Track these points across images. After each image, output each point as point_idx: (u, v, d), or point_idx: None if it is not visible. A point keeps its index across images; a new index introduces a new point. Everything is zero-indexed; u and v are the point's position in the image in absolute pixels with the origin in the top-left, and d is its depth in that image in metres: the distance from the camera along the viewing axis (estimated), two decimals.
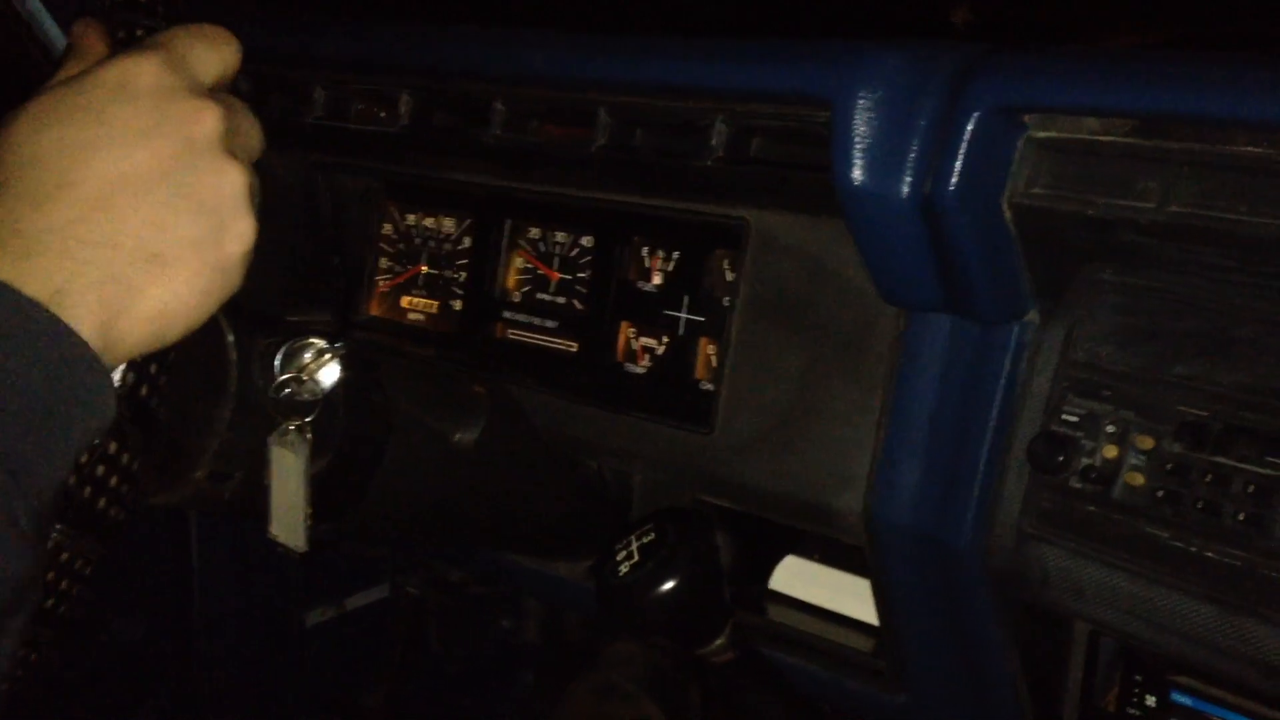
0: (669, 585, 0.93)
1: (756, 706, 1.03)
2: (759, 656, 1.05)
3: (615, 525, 1.20)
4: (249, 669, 1.60)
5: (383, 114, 1.17)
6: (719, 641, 0.98)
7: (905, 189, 0.86)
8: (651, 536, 0.95)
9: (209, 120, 0.59)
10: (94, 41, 0.65)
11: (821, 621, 1.13)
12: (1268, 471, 0.79)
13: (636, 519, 1.13)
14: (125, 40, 0.68)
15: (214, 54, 0.63)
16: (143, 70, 0.59)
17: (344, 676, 1.71)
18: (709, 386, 1.09)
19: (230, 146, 0.61)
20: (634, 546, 0.95)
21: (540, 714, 1.93)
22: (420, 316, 1.32)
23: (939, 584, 0.97)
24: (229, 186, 0.60)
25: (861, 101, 0.87)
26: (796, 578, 1.13)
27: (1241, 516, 0.80)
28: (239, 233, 0.60)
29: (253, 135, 0.64)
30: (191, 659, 1.52)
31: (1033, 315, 0.92)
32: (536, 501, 1.17)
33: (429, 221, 1.31)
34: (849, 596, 1.10)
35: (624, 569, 0.94)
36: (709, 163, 0.98)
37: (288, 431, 0.84)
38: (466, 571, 1.70)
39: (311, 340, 0.85)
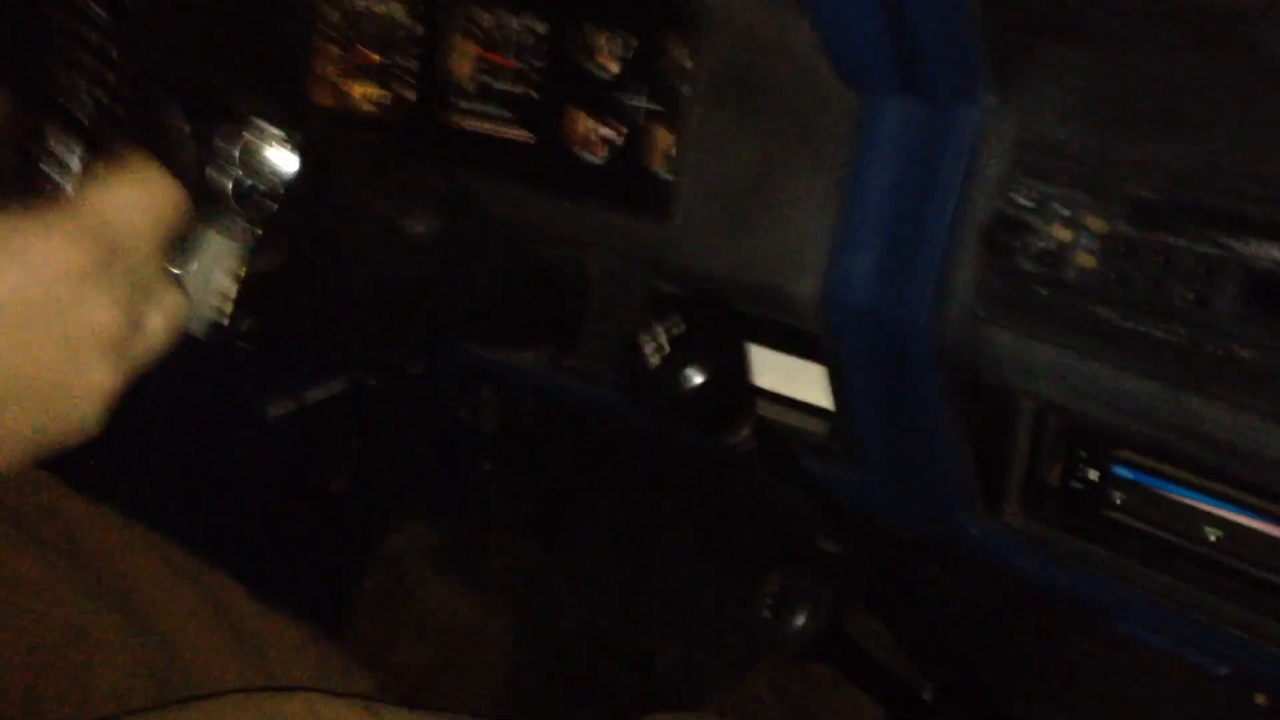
0: (703, 376, 0.93)
1: (783, 495, 1.05)
2: (781, 442, 1.07)
3: (573, 316, 1.21)
4: (211, 459, 1.61)
5: None
6: (745, 431, 0.99)
7: None
8: (682, 327, 0.95)
9: (99, 316, 0.57)
10: None
11: (778, 406, 1.16)
12: (1216, 251, 0.81)
13: (596, 308, 1.14)
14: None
15: (146, 214, 0.61)
16: (51, 254, 0.56)
17: (309, 465, 1.73)
18: (667, 176, 1.08)
19: (122, 342, 0.60)
20: (662, 337, 0.94)
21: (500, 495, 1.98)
22: (372, 107, 1.29)
23: (891, 367, 1.00)
24: (86, 398, 0.60)
25: None
26: (753, 365, 1.15)
27: (1190, 296, 0.82)
28: (74, 426, 0.61)
29: (156, 328, 0.63)
30: (150, 452, 1.53)
31: (989, 97, 0.91)
32: (493, 293, 1.17)
33: (380, 8, 1.27)
34: (805, 383, 1.13)
35: (654, 359, 0.94)
36: None
37: (235, 220, 0.82)
38: (423, 363, 1.72)
39: (267, 128, 0.83)
